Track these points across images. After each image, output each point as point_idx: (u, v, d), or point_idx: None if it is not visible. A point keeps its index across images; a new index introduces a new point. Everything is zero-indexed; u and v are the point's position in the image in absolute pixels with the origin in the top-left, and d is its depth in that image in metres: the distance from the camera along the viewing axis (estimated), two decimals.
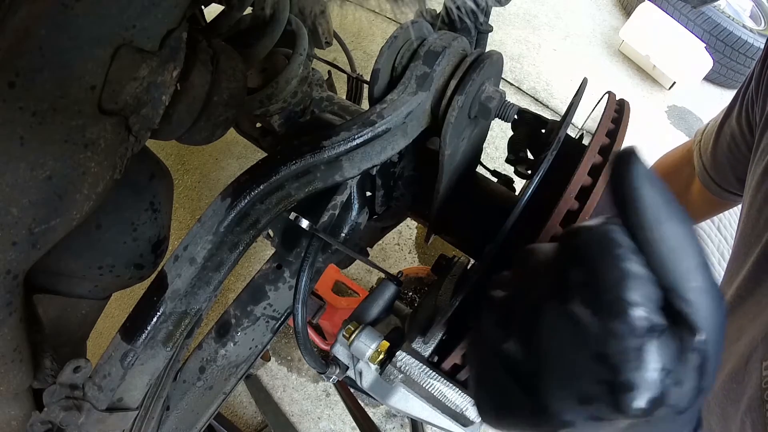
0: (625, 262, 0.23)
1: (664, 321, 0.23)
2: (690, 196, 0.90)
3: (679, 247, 0.23)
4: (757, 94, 0.62)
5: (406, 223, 1.60)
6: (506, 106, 0.48)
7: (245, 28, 0.54)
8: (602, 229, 0.24)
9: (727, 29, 2.19)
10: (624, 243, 0.24)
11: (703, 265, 0.24)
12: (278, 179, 0.39)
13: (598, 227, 0.25)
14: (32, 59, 0.28)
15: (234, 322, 0.52)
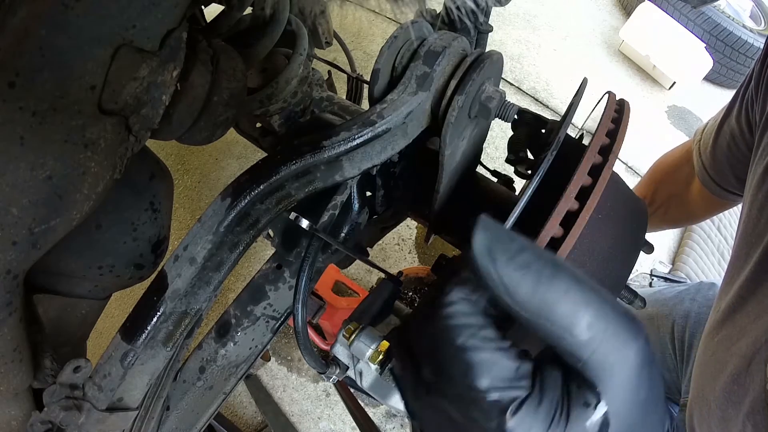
0: (465, 353, 0.23)
1: (525, 387, 0.23)
2: (690, 195, 0.90)
3: (545, 307, 0.22)
4: (756, 93, 0.62)
5: (406, 223, 1.60)
6: (506, 106, 0.48)
7: (245, 28, 0.54)
8: (438, 323, 0.24)
9: (727, 29, 2.19)
10: (460, 327, 0.23)
11: (590, 310, 0.22)
12: (278, 179, 0.39)
13: (434, 321, 0.24)
14: (32, 59, 0.28)
15: (234, 322, 0.52)
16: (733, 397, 0.49)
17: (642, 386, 0.23)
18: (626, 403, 0.23)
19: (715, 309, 0.59)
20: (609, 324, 0.22)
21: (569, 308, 0.22)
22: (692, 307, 0.98)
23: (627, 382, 0.22)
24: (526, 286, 0.22)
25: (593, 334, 0.22)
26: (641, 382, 0.23)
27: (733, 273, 0.55)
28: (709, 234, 1.55)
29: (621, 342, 0.22)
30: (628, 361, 0.22)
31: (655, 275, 1.32)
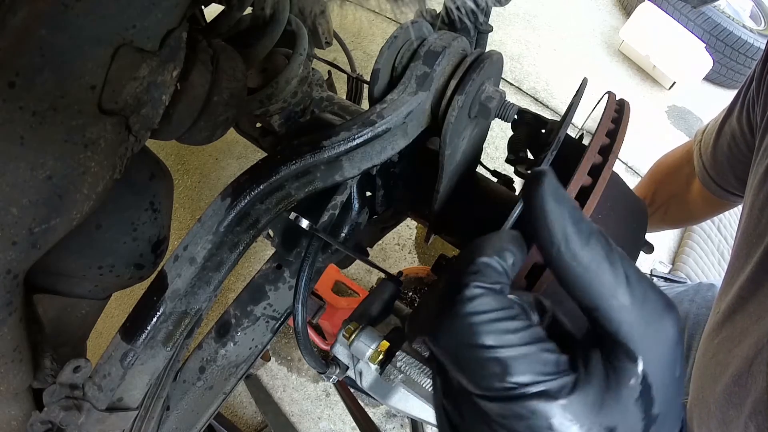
0: (498, 352, 0.21)
1: (570, 373, 0.22)
2: (690, 196, 0.90)
3: (594, 263, 0.22)
4: (758, 94, 0.62)
5: (406, 223, 1.60)
6: (506, 106, 0.48)
7: (245, 28, 0.54)
8: (461, 323, 0.22)
9: (727, 29, 2.19)
10: (487, 323, 0.22)
11: (631, 279, 0.22)
12: (278, 179, 0.39)
13: (455, 320, 0.22)
14: (32, 59, 0.28)
15: (234, 322, 0.52)
16: (734, 399, 0.49)
17: (677, 362, 0.23)
18: (665, 381, 0.22)
19: (714, 310, 0.58)
20: (648, 293, 0.22)
21: (617, 268, 0.22)
22: (691, 308, 0.98)
23: (665, 356, 0.22)
24: (583, 239, 0.21)
25: (635, 299, 0.21)
26: (677, 357, 0.23)
27: (733, 273, 0.55)
28: (709, 234, 1.55)
29: (659, 312, 0.22)
30: (667, 333, 0.22)
31: (655, 275, 1.32)
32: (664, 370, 0.22)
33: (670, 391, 0.23)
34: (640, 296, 0.22)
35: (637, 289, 0.22)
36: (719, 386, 0.51)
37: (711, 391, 0.52)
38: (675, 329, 0.22)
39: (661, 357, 0.22)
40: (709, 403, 0.52)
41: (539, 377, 0.21)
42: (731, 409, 0.49)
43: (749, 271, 0.51)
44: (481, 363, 0.22)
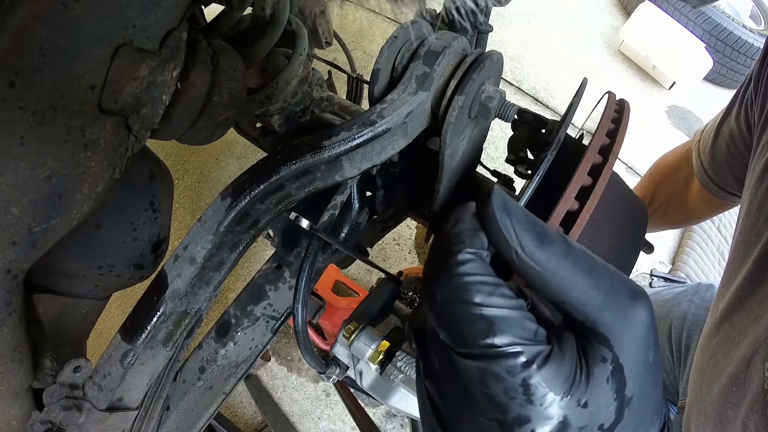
0: (484, 310, 0.23)
1: (546, 345, 0.23)
2: (689, 196, 0.90)
3: (553, 262, 0.23)
4: (756, 93, 0.62)
5: (406, 223, 1.60)
6: (506, 106, 0.48)
7: (245, 28, 0.54)
8: (454, 282, 0.24)
9: (727, 29, 2.19)
10: (476, 284, 0.23)
11: (595, 271, 0.23)
12: (278, 179, 0.39)
13: (448, 280, 0.24)
14: (32, 59, 0.28)
15: (234, 322, 0.52)
16: (731, 399, 0.48)
17: (651, 348, 0.24)
18: (638, 364, 0.23)
19: (713, 310, 0.58)
20: (615, 281, 0.23)
21: (578, 263, 0.23)
22: (690, 308, 0.98)
23: (637, 341, 0.23)
24: (537, 241, 0.23)
25: (600, 288, 0.23)
26: (649, 343, 0.23)
27: (731, 273, 0.55)
28: (709, 234, 1.55)
29: (628, 298, 0.23)
30: (636, 317, 0.23)
31: (655, 275, 1.32)
32: (636, 353, 0.23)
33: (643, 375, 0.23)
34: (605, 285, 0.23)
35: (602, 279, 0.23)
36: (717, 386, 0.51)
37: (708, 392, 0.52)
38: (645, 314, 0.23)
39: (632, 340, 0.23)
40: (707, 404, 0.52)
41: (519, 340, 0.23)
42: (728, 410, 0.49)
43: (747, 271, 0.51)
44: (469, 319, 0.23)
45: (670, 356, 1.00)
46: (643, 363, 0.23)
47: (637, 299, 0.23)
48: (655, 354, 0.24)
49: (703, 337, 0.59)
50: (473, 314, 0.23)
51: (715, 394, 0.51)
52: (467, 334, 0.23)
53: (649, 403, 0.24)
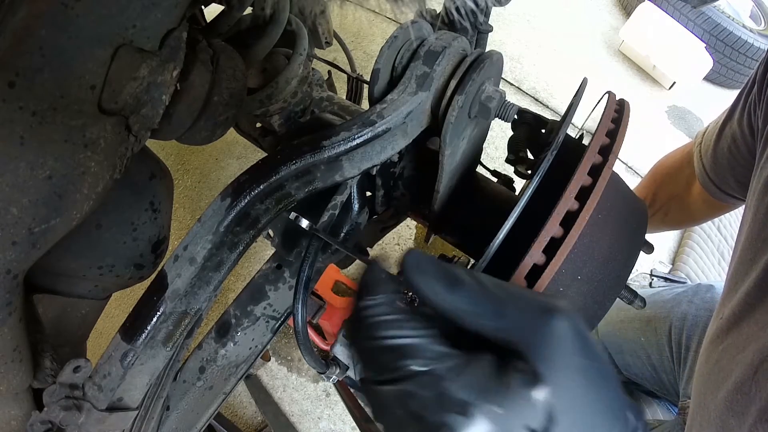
0: (392, 341, 0.26)
1: (458, 360, 0.25)
2: (690, 197, 0.90)
3: (464, 302, 0.27)
4: (760, 97, 0.62)
5: (406, 223, 1.60)
6: (506, 106, 0.48)
7: (245, 28, 0.54)
8: (363, 323, 0.28)
9: (727, 29, 2.19)
10: (383, 321, 0.27)
11: (506, 301, 0.26)
12: (278, 179, 0.39)
13: (360, 322, 0.28)
14: (32, 59, 0.28)
15: (234, 322, 0.52)
16: (735, 407, 0.48)
17: (577, 354, 0.26)
18: (561, 371, 0.25)
19: (717, 315, 0.58)
20: (526, 305, 0.27)
21: (487, 297, 0.27)
22: (690, 309, 0.98)
23: (556, 349, 0.25)
24: (448, 288, 0.27)
25: (511, 314, 0.26)
26: (575, 349, 0.26)
27: (737, 279, 0.54)
28: (709, 234, 1.55)
29: (541, 315, 0.26)
30: (553, 330, 0.26)
31: (655, 275, 1.32)
32: (558, 361, 0.25)
33: (572, 380, 0.25)
34: (516, 310, 0.26)
35: (513, 304, 0.26)
36: (721, 393, 0.50)
37: (712, 399, 0.52)
38: (562, 324, 0.26)
39: (550, 350, 0.25)
40: (710, 411, 0.52)
41: (428, 360, 0.25)
42: (732, 418, 0.48)
43: (756, 277, 0.50)
44: (380, 351, 0.26)
45: (669, 357, 1.00)
46: (569, 369, 0.25)
47: (551, 313, 0.26)
48: (589, 359, 0.26)
49: (707, 341, 0.59)
50: (383, 346, 0.26)
51: (719, 401, 0.50)
52: (380, 363, 0.26)
53: (594, 407, 0.25)
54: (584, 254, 0.42)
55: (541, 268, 0.37)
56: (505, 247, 0.39)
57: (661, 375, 1.04)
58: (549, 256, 0.37)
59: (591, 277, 0.42)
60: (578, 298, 0.42)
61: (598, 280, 0.43)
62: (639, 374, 1.12)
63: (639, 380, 1.13)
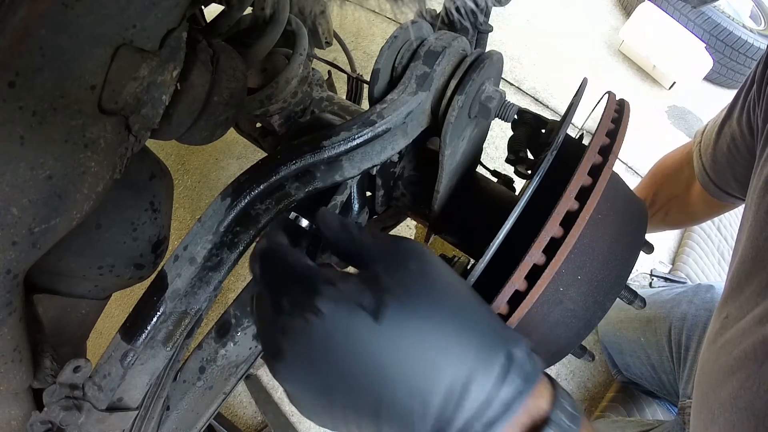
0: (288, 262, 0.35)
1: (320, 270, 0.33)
2: (690, 197, 0.90)
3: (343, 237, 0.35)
4: (759, 96, 0.62)
5: (406, 223, 1.60)
6: (506, 106, 0.48)
7: (245, 28, 0.54)
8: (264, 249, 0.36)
9: (727, 29, 2.19)
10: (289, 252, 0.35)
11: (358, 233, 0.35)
12: (278, 179, 0.39)
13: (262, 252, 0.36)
14: (32, 59, 0.28)
15: (234, 322, 0.52)
16: (739, 403, 0.48)
17: (411, 261, 0.32)
18: (396, 272, 0.31)
19: (719, 315, 0.57)
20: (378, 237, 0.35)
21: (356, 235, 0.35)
22: (689, 309, 0.98)
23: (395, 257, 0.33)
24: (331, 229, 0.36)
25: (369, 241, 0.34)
26: (405, 260, 0.32)
27: (740, 278, 0.54)
28: (709, 234, 1.55)
29: (388, 242, 0.34)
30: (395, 245, 0.33)
31: (655, 275, 1.32)
32: (391, 263, 0.32)
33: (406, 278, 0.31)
34: (372, 241, 0.34)
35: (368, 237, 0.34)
36: (724, 390, 0.50)
37: (715, 397, 0.51)
38: (404, 245, 0.33)
39: (387, 257, 0.33)
40: (713, 409, 0.51)
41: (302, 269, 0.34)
42: (734, 414, 0.48)
43: (765, 277, 0.50)
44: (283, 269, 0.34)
45: (669, 357, 1.00)
46: (404, 271, 0.32)
47: (398, 240, 0.34)
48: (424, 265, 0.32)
49: (708, 341, 0.58)
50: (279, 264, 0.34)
51: (723, 398, 0.50)
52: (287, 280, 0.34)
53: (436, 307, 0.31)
54: (584, 254, 0.42)
55: (541, 268, 0.37)
56: (505, 247, 0.39)
57: (661, 375, 1.04)
58: (549, 256, 0.37)
59: (591, 277, 0.42)
60: (578, 298, 0.42)
61: (598, 280, 0.43)
62: (639, 374, 1.12)
63: (639, 380, 1.13)
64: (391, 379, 0.29)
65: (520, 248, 0.38)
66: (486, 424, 0.29)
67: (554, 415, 0.30)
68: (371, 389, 0.30)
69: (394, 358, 0.29)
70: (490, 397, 0.29)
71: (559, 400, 0.31)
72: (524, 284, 0.38)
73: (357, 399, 0.30)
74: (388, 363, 0.29)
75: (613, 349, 1.20)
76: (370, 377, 0.30)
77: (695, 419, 0.57)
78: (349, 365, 0.30)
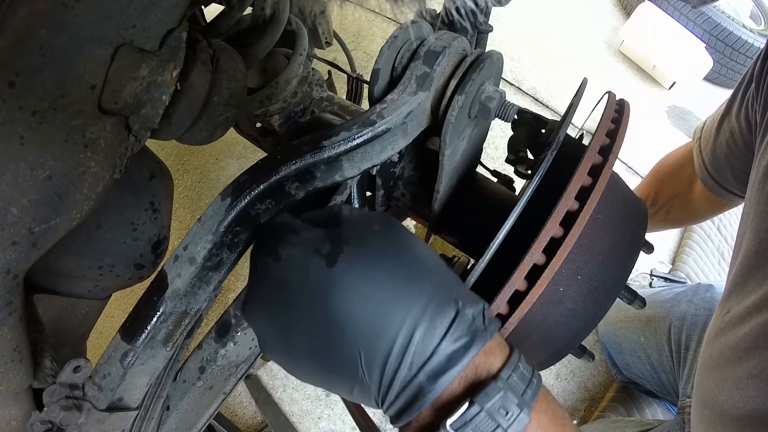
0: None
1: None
2: (692, 195, 0.90)
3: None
4: (757, 92, 0.62)
5: (406, 223, 1.60)
6: (506, 106, 0.48)
7: (245, 28, 0.54)
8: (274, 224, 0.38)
9: (727, 29, 2.18)
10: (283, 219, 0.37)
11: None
12: (278, 179, 0.39)
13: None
14: (32, 59, 0.28)
15: (234, 322, 0.52)
16: (748, 392, 0.47)
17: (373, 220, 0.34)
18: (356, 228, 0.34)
19: (721, 311, 0.57)
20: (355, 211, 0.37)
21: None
22: (689, 308, 0.97)
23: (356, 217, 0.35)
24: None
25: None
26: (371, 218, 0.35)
27: (744, 273, 0.54)
28: (709, 234, 1.55)
29: (365, 213, 0.36)
30: (366, 215, 0.36)
31: (655, 275, 1.32)
32: (353, 223, 0.34)
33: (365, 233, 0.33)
34: (348, 209, 0.37)
35: (344, 209, 0.37)
36: (728, 383, 0.50)
37: (720, 390, 0.51)
38: (374, 214, 0.37)
39: (358, 220, 0.34)
40: (720, 402, 0.51)
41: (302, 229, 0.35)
42: (746, 404, 0.47)
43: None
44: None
45: (669, 356, 1.00)
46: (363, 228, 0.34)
47: (369, 213, 0.37)
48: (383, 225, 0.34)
49: (710, 337, 0.58)
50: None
51: (728, 391, 0.50)
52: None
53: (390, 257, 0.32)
54: (584, 254, 0.42)
55: (541, 268, 0.37)
56: (505, 247, 0.39)
57: (661, 375, 1.04)
58: (549, 256, 0.37)
59: (591, 277, 0.42)
60: (578, 298, 0.42)
61: (598, 280, 0.43)
62: (638, 374, 1.12)
63: (639, 380, 1.13)
64: (342, 324, 0.30)
65: (520, 248, 0.38)
66: (429, 374, 0.29)
67: (504, 372, 0.31)
68: (324, 333, 0.31)
69: (343, 302, 0.30)
70: (436, 349, 0.30)
71: (514, 362, 0.32)
72: (524, 284, 0.38)
73: (312, 341, 0.31)
74: (338, 307, 0.30)
75: (613, 349, 1.20)
76: (322, 321, 0.31)
77: (696, 416, 0.57)
78: (303, 308, 0.31)
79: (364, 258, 0.31)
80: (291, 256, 0.32)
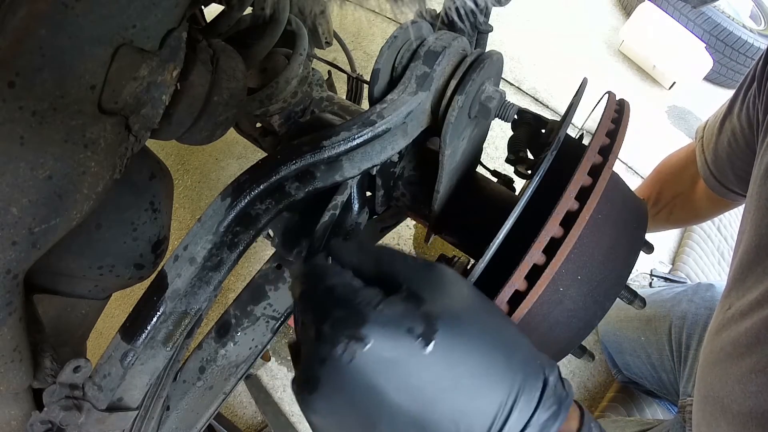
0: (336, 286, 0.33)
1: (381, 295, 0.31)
2: (695, 194, 0.90)
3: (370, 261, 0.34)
4: (759, 91, 0.62)
5: (406, 223, 1.60)
6: (506, 106, 0.48)
7: (245, 28, 0.54)
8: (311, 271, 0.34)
9: (727, 29, 2.18)
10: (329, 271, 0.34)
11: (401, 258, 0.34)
12: (278, 179, 0.39)
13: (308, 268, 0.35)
14: (32, 59, 0.28)
15: (234, 322, 0.52)
16: (751, 387, 0.47)
17: (454, 283, 0.32)
18: (440, 293, 0.31)
19: (722, 308, 0.57)
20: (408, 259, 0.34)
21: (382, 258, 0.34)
22: (689, 308, 0.98)
23: (434, 280, 0.32)
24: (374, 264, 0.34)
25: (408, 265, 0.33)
26: (452, 281, 0.32)
27: (744, 269, 0.54)
28: (709, 234, 1.55)
29: (424, 265, 0.33)
30: (436, 273, 0.32)
31: (655, 275, 1.32)
32: (434, 284, 0.32)
33: (453, 300, 0.31)
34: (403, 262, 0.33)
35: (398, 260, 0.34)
36: (731, 378, 0.50)
37: (722, 385, 0.51)
38: (443, 268, 0.33)
39: (429, 279, 0.32)
40: (722, 398, 0.51)
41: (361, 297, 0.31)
42: (749, 400, 0.47)
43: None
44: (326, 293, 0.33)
45: (669, 356, 1.00)
46: (448, 293, 0.31)
47: (432, 264, 0.33)
48: (469, 289, 0.33)
49: (711, 333, 0.58)
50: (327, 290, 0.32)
51: (731, 386, 0.50)
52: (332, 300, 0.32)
53: (482, 329, 0.30)
54: (584, 254, 0.42)
55: (541, 268, 0.37)
56: (505, 247, 0.39)
57: (661, 374, 1.04)
58: (549, 256, 0.37)
59: (591, 277, 0.42)
60: (578, 298, 0.42)
61: (598, 280, 0.43)
62: (639, 374, 1.12)
63: (639, 380, 1.13)
64: (438, 406, 0.29)
65: (520, 248, 0.38)
66: None
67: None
68: (416, 417, 0.29)
69: (441, 384, 0.28)
70: (529, 421, 0.29)
71: (587, 422, 0.33)
72: (524, 284, 0.38)
73: (399, 428, 0.29)
74: (434, 390, 0.28)
75: (613, 349, 1.20)
76: (415, 406, 0.29)
77: (698, 412, 0.57)
78: (394, 395, 0.28)
79: (458, 335, 0.29)
80: (381, 340, 0.28)
